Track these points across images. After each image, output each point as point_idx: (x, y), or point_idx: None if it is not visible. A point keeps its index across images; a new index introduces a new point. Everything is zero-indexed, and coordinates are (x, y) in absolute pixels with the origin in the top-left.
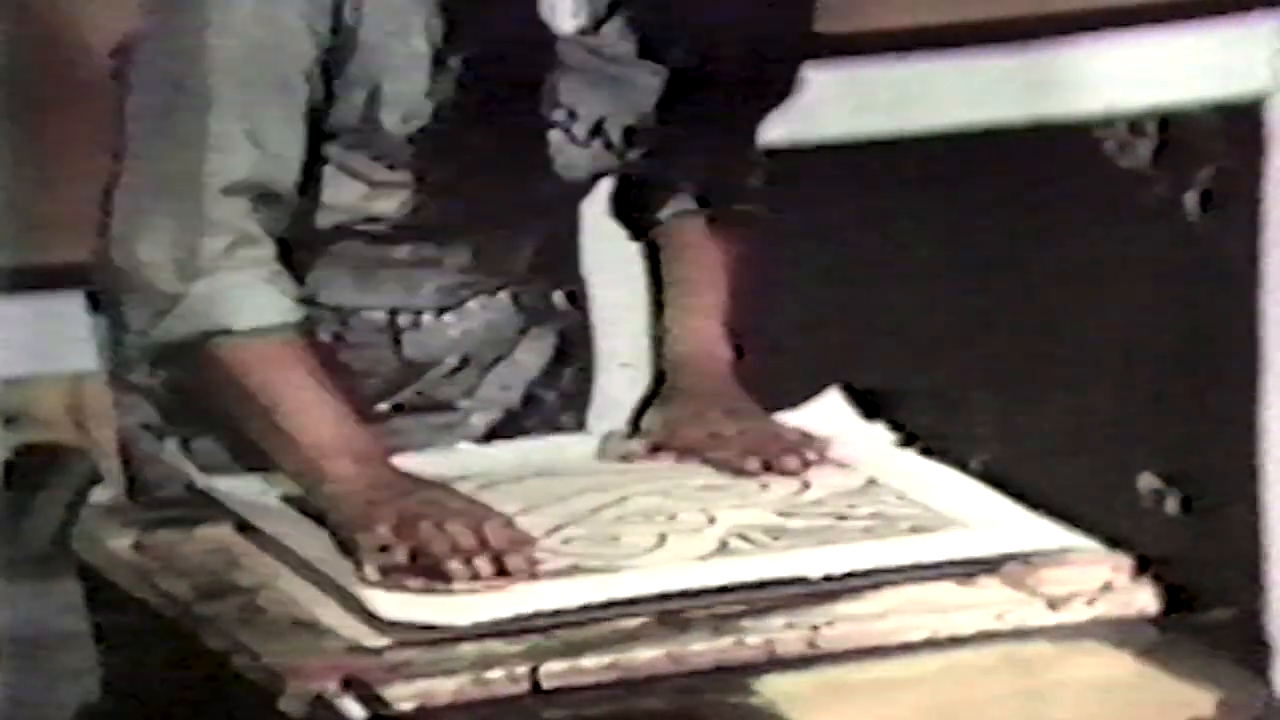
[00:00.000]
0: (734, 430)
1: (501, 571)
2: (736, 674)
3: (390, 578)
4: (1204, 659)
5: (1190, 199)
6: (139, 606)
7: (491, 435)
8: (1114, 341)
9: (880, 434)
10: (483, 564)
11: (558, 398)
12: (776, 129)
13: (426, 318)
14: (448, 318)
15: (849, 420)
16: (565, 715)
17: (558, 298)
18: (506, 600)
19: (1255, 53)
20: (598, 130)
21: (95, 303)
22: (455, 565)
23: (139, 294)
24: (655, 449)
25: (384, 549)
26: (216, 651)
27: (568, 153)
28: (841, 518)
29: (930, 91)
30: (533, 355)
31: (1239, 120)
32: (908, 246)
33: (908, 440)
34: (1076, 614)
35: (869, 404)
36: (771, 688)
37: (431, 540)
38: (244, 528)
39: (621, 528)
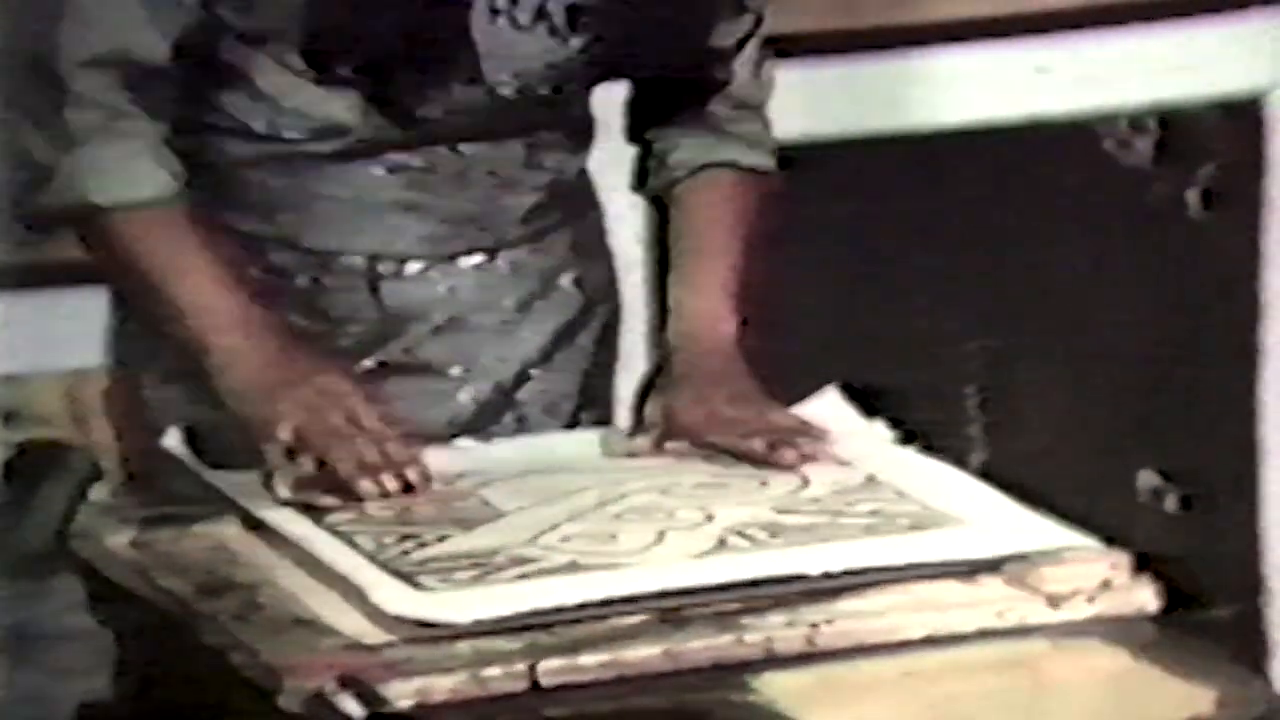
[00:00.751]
0: (735, 414)
1: (407, 488)
2: (735, 672)
3: (302, 493)
4: (1203, 656)
5: (1191, 196)
6: (137, 604)
7: (481, 412)
8: (1114, 339)
9: (879, 431)
10: (389, 481)
11: (553, 382)
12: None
13: (411, 267)
14: (435, 271)
15: (848, 418)
16: (564, 713)
17: (565, 281)
18: (509, 597)
19: (1256, 49)
20: (541, 12)
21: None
22: (366, 485)
23: (18, 162)
24: (659, 444)
25: (290, 455)
26: (215, 649)
27: (509, 42)
28: (841, 515)
29: (929, 88)
30: (532, 333)
31: (1240, 117)
32: (906, 244)
33: (906, 438)
34: (1076, 612)
35: (867, 402)
36: (770, 685)
37: (338, 458)
38: (249, 523)
39: (620, 525)
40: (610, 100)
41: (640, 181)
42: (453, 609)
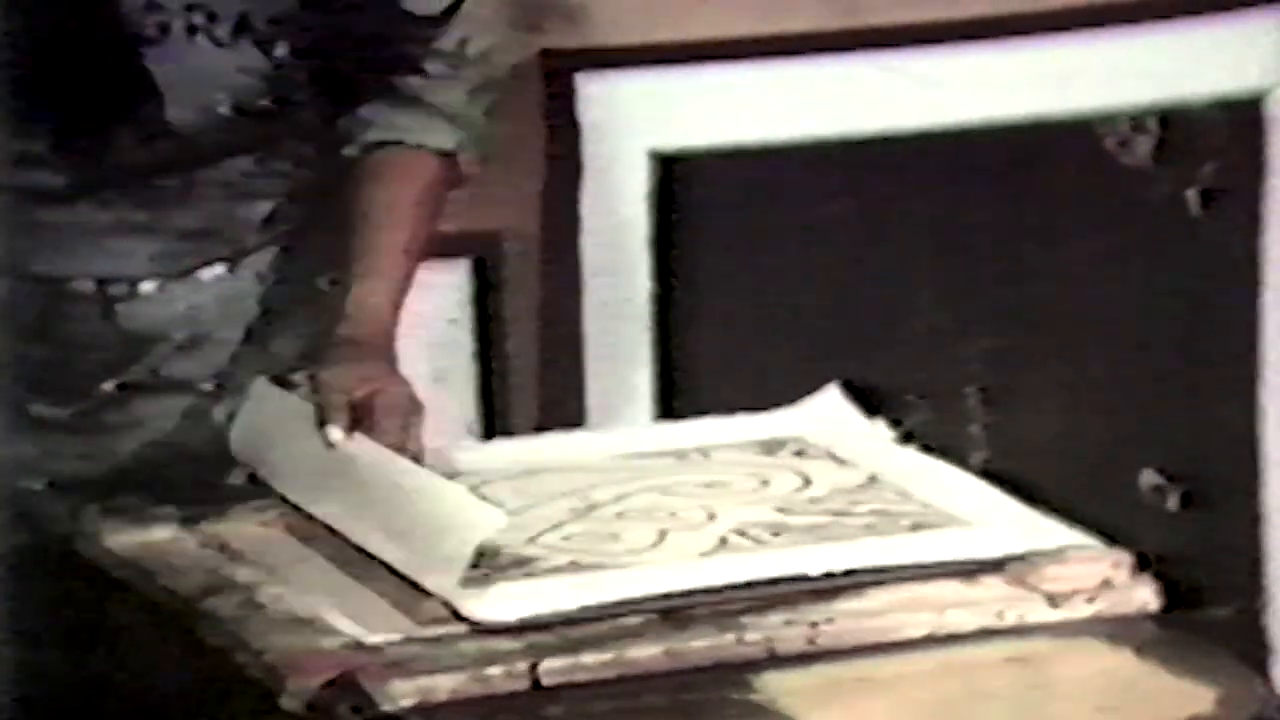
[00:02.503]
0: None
1: None
2: (736, 671)
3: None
4: (1204, 655)
5: (1192, 195)
6: (140, 603)
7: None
8: (1114, 338)
9: (881, 431)
10: None
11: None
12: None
13: (146, 287)
14: (173, 288)
15: (848, 417)
16: (565, 712)
17: (322, 283)
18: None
19: (1257, 49)
20: (243, 25)
21: None
22: None
23: None
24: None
25: None
26: (217, 648)
27: (213, 59)
28: (843, 515)
29: (929, 88)
30: (288, 339)
31: (1241, 116)
32: (906, 244)
33: (906, 438)
34: (1076, 611)
35: (867, 402)
36: (771, 685)
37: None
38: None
39: (622, 525)
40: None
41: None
42: (488, 606)
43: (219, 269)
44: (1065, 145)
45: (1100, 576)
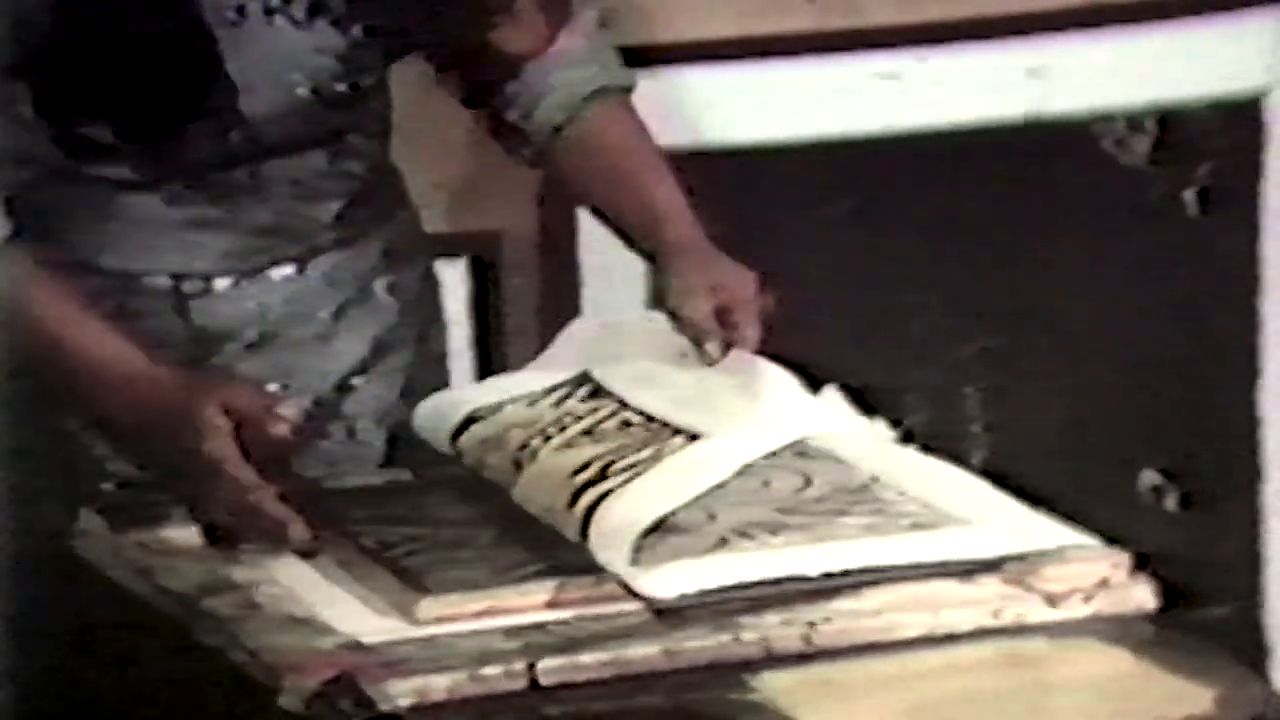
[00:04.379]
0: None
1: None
2: (733, 670)
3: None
4: (1202, 655)
5: (1189, 196)
6: (137, 602)
7: (302, 425)
8: (1113, 339)
9: (880, 431)
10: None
11: (378, 390)
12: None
13: (220, 284)
14: (245, 286)
15: (847, 417)
16: (563, 711)
17: (379, 287)
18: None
19: (1254, 49)
20: (318, 6)
21: None
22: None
23: None
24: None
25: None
26: (214, 648)
27: (292, 40)
28: (842, 514)
29: (926, 88)
30: (350, 342)
31: (1238, 117)
32: (904, 244)
33: (906, 438)
34: (1074, 610)
35: (865, 402)
36: (768, 684)
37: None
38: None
39: None
40: None
41: (511, 149)
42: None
43: (289, 269)
44: (1062, 145)
45: (1098, 576)
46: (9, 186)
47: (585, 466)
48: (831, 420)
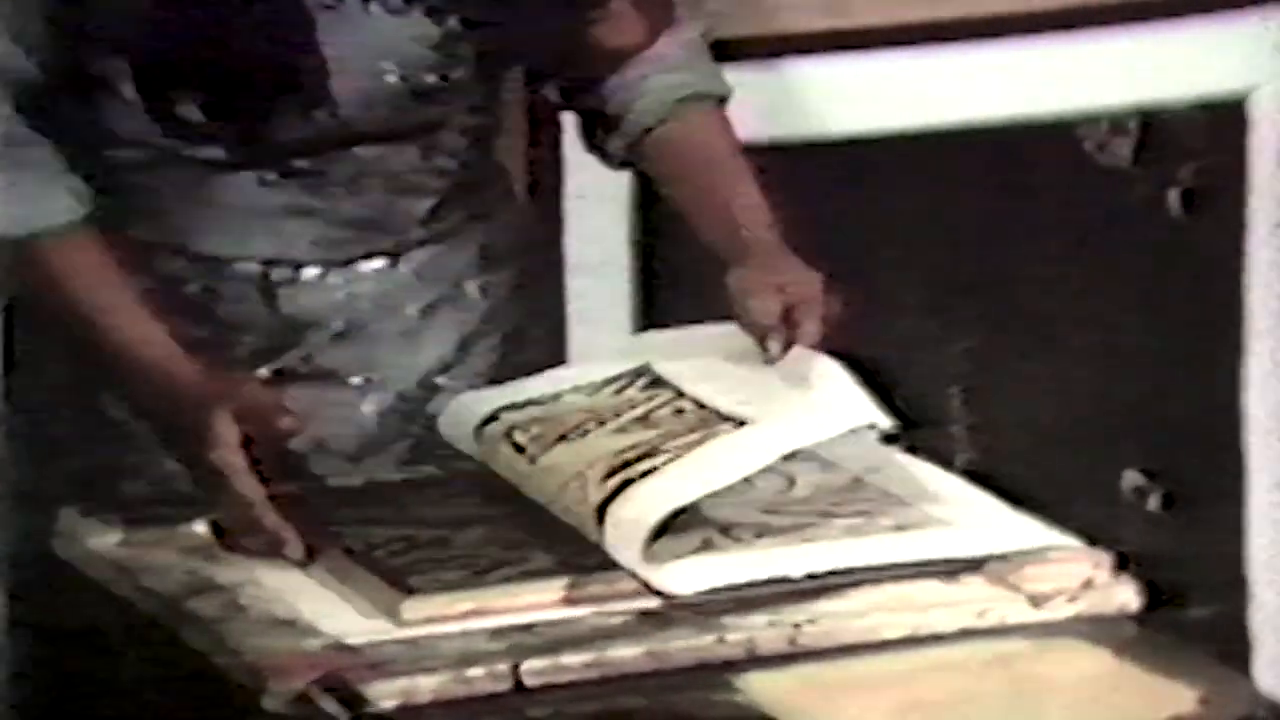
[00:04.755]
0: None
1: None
2: (718, 671)
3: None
4: (1185, 656)
5: (1172, 197)
6: (120, 605)
7: (385, 422)
8: (1096, 340)
9: (865, 432)
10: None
11: (460, 391)
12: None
13: (307, 273)
14: (333, 276)
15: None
16: (548, 713)
17: (471, 287)
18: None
19: (1237, 50)
20: None
21: None
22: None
23: None
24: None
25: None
26: (198, 650)
27: (386, 27)
28: (826, 515)
29: (908, 89)
30: (436, 340)
31: (1221, 118)
32: (887, 244)
33: (890, 438)
34: (1058, 611)
35: None
36: (753, 685)
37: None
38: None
39: None
40: None
41: (599, 146)
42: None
43: (380, 262)
44: (1045, 147)
45: (1081, 577)
46: (108, 168)
47: (633, 448)
48: (877, 415)
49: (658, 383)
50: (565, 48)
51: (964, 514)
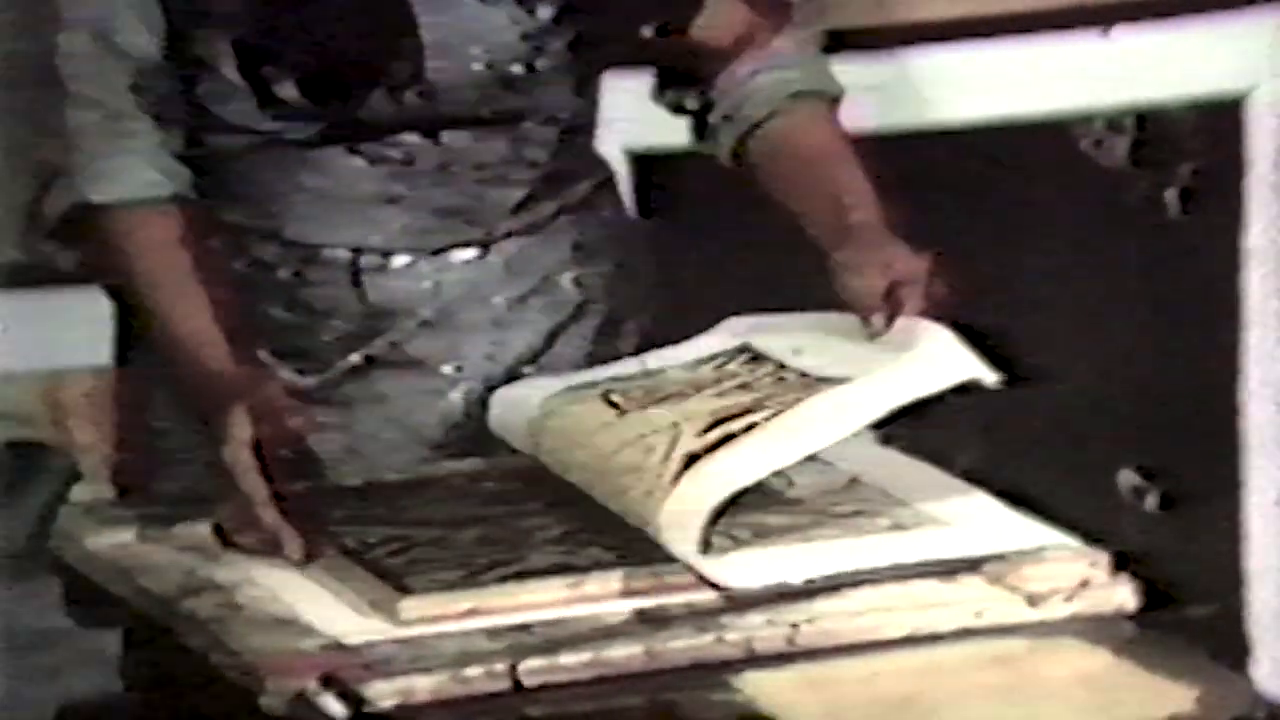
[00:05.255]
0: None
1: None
2: (716, 671)
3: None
4: (1183, 655)
5: (1169, 197)
6: (117, 604)
7: (471, 411)
8: (1093, 339)
9: (862, 432)
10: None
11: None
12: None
13: (397, 261)
14: (422, 265)
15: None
16: (546, 712)
17: (565, 279)
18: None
19: (1235, 50)
20: None
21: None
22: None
23: (30, 169)
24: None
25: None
26: (196, 649)
27: (476, 15)
28: (824, 515)
29: (904, 89)
30: (525, 331)
31: (1218, 118)
32: None
33: (889, 439)
34: (1055, 611)
35: None
36: (751, 684)
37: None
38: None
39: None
40: None
41: (710, 141)
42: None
43: (469, 252)
44: (1041, 146)
45: (1079, 576)
46: (207, 154)
47: (731, 407)
48: (981, 369)
49: (759, 358)
50: (669, 44)
51: (962, 514)
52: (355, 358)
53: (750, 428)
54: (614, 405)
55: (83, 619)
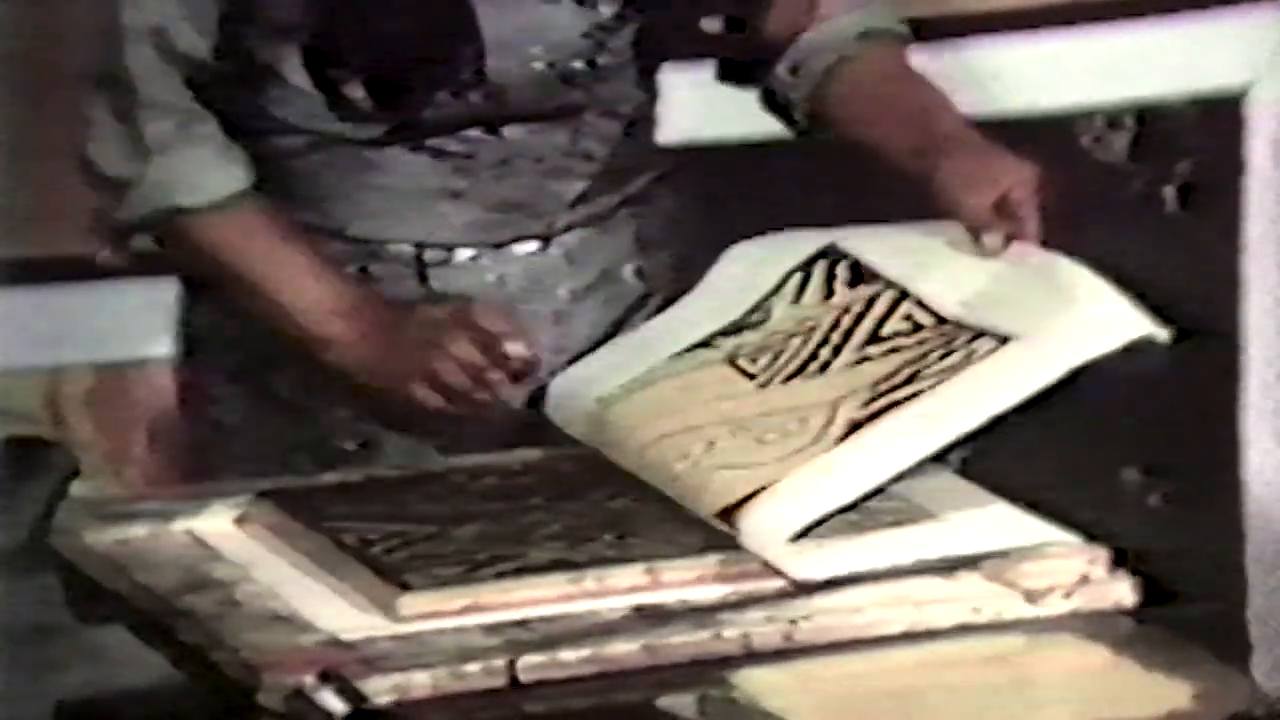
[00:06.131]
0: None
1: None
2: (714, 667)
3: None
4: (1181, 652)
5: (1168, 193)
6: (116, 600)
7: (532, 403)
8: None
9: None
10: (496, 377)
11: None
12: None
13: (461, 255)
14: (485, 258)
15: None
16: (544, 708)
17: (626, 271)
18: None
19: (1234, 46)
20: None
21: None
22: (484, 398)
23: (100, 192)
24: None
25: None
26: (194, 646)
27: (538, 15)
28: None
29: None
30: (586, 323)
31: (1218, 114)
32: None
33: None
34: (1053, 607)
35: None
36: (749, 681)
37: (452, 378)
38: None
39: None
40: None
41: (781, 106)
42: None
43: (531, 245)
44: (1041, 142)
45: (1077, 573)
46: (270, 155)
47: (890, 376)
48: (1150, 325)
49: (865, 276)
50: (735, 37)
51: (961, 510)
52: None
53: (914, 396)
54: (749, 375)
55: (82, 615)
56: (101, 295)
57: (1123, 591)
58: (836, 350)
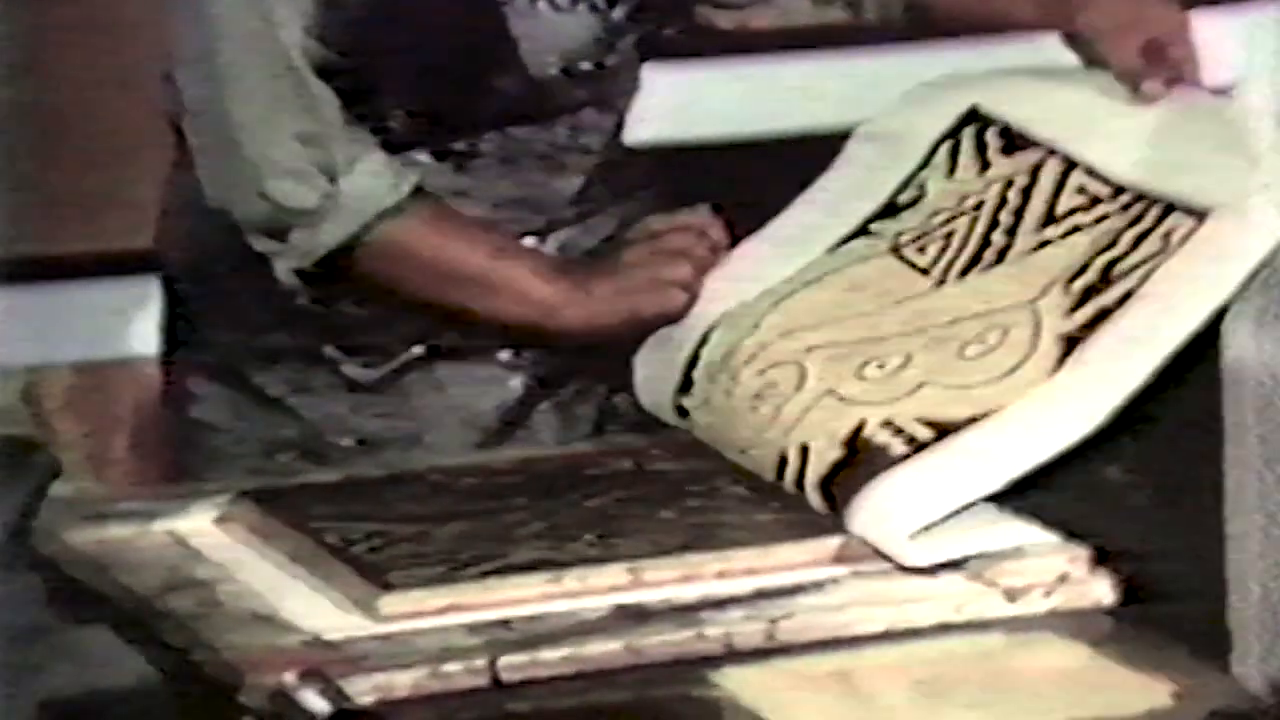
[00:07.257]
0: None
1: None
2: (696, 666)
3: None
4: (1161, 650)
5: None
6: (97, 601)
7: (527, 397)
8: None
9: None
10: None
11: (604, 372)
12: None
13: None
14: None
15: None
16: (526, 708)
17: None
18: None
19: (1233, 44)
20: None
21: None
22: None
23: (285, 225)
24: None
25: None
26: (176, 646)
27: (552, 26)
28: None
29: (900, 86)
30: None
31: None
32: None
33: None
34: (1033, 606)
35: None
36: (731, 680)
37: (680, 270)
38: None
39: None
40: None
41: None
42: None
43: (529, 241)
44: None
45: (1057, 571)
46: None
47: (1083, 269)
48: None
49: (1016, 140)
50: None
51: None
52: (418, 349)
53: (1124, 300)
54: (921, 269)
55: (64, 615)
56: (82, 294)
57: (1102, 590)
58: (1010, 233)
